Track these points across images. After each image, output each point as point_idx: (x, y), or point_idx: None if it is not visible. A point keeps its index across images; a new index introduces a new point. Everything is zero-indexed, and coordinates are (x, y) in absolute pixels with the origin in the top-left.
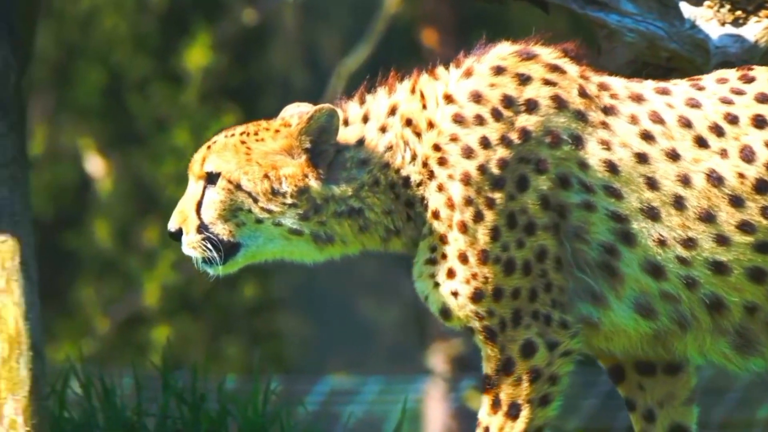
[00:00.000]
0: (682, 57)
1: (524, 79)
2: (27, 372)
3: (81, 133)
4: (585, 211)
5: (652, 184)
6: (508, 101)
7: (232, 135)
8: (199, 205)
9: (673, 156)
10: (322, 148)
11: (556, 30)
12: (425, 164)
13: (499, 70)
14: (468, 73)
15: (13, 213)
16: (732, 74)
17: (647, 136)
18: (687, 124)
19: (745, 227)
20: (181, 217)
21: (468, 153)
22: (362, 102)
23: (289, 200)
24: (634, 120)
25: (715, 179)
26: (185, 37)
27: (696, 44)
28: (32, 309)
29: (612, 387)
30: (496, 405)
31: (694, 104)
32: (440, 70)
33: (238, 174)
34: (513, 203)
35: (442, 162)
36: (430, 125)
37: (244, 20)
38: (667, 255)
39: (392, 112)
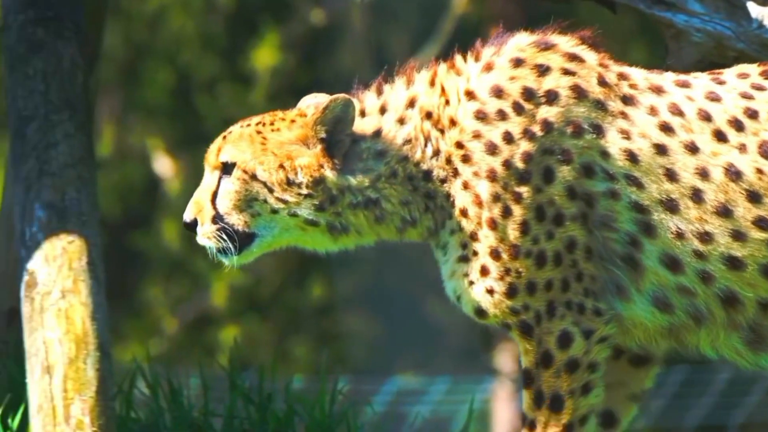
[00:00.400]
0: (750, 57)
1: (543, 70)
2: (94, 372)
3: (149, 133)
4: (611, 200)
5: (671, 175)
6: (529, 94)
7: (248, 125)
8: (215, 195)
9: (692, 148)
10: (337, 138)
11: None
12: (449, 161)
13: (518, 62)
14: (488, 68)
15: (80, 213)
16: (753, 69)
17: (666, 128)
18: (706, 117)
19: (761, 223)
20: (197, 207)
21: (492, 149)
22: (379, 93)
23: (304, 190)
24: (653, 111)
25: (734, 174)
26: (253, 37)
27: (763, 44)
28: (99, 309)
29: (679, 387)
30: (538, 399)
31: (714, 98)
32: (459, 61)
33: (253, 164)
34: (540, 196)
35: (466, 159)
36: (452, 122)
37: (312, 20)
38: (685, 248)
39: (411, 104)
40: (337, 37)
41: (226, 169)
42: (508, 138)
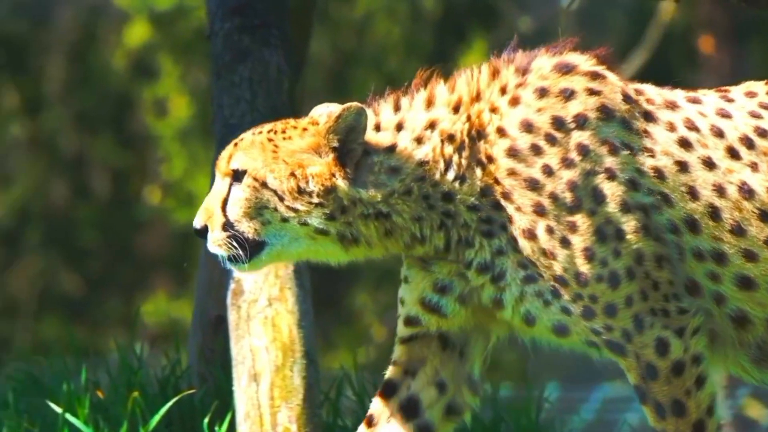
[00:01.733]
0: None
1: (568, 95)
2: (301, 380)
3: None
4: (657, 214)
5: (693, 193)
6: (559, 123)
7: (260, 132)
8: (225, 202)
9: (709, 164)
10: (349, 147)
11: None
12: (484, 194)
13: (543, 92)
14: (515, 102)
15: None
16: (760, 88)
17: (685, 143)
18: (719, 133)
19: None
20: (207, 214)
21: (533, 185)
22: (397, 108)
23: (315, 199)
24: (671, 127)
25: (747, 192)
26: (460, 43)
27: None
28: (306, 317)
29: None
30: (660, 410)
31: (725, 114)
32: (483, 85)
33: (264, 172)
34: (597, 218)
35: (506, 196)
36: (490, 159)
37: (519, 27)
38: (701, 271)
39: (431, 126)
40: (544, 44)
41: (237, 176)
42: (548, 171)
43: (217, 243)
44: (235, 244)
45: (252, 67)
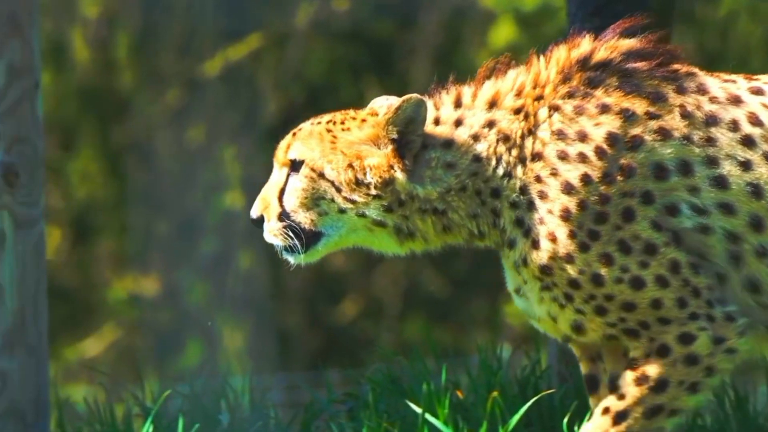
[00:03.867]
0: None
1: (629, 116)
2: None
3: None
4: (702, 235)
5: (757, 192)
6: (613, 140)
7: (319, 123)
8: (282, 192)
9: None
10: (408, 138)
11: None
12: (524, 191)
13: (604, 108)
14: (579, 111)
15: None
16: None
17: (749, 142)
18: None
19: None
20: (263, 203)
21: (568, 189)
22: (458, 104)
23: (373, 191)
24: (735, 126)
25: None
26: None
27: None
28: None
29: None
30: (642, 380)
31: None
32: (548, 89)
33: (321, 162)
34: (621, 232)
35: (542, 196)
36: (538, 156)
37: None
38: (764, 268)
39: (489, 125)
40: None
41: (295, 166)
42: (586, 180)
43: (273, 233)
44: (291, 234)
45: None
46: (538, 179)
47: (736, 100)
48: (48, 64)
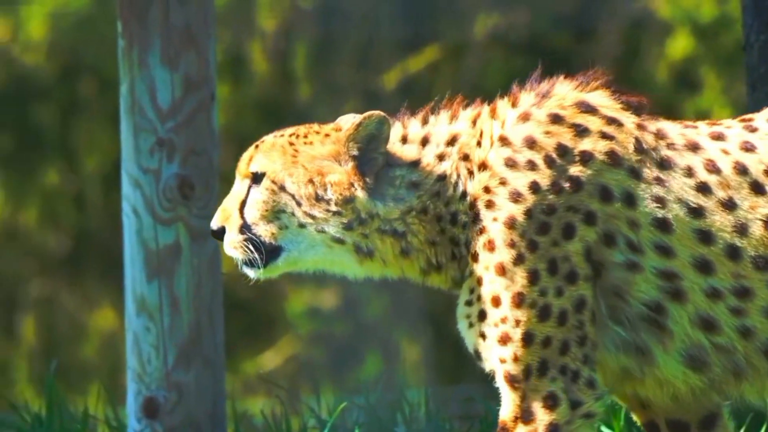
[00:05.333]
0: None
1: (581, 131)
2: None
3: None
4: (627, 272)
5: (706, 238)
6: (563, 150)
7: (282, 135)
8: (243, 204)
9: (730, 206)
10: (370, 156)
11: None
12: (473, 206)
13: (556, 119)
14: (525, 117)
15: None
16: None
17: (703, 189)
18: (743, 170)
19: None
20: (224, 215)
21: (516, 197)
22: (425, 122)
23: (333, 207)
24: (689, 172)
25: None
26: None
27: None
28: None
29: None
30: None
31: (749, 148)
32: (501, 106)
33: (282, 175)
34: (556, 249)
35: (489, 205)
36: (483, 166)
37: None
38: (720, 308)
39: (452, 141)
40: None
41: (256, 178)
42: (535, 188)
43: (233, 245)
44: (251, 247)
45: None
46: (487, 189)
47: (694, 147)
48: (226, 76)
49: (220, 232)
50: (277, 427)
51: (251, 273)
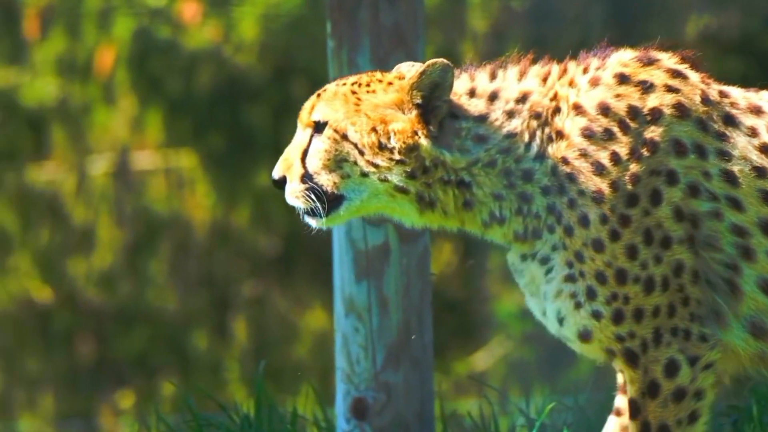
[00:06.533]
0: None
1: (647, 87)
2: None
3: None
4: (715, 221)
5: (766, 199)
6: (634, 112)
7: (344, 84)
8: (305, 153)
9: None
10: (434, 104)
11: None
12: (554, 173)
13: (622, 79)
14: (594, 82)
15: None
16: None
17: (766, 150)
18: None
19: None
20: (286, 164)
21: (599, 170)
22: (493, 77)
23: (396, 156)
24: (753, 132)
25: None
26: None
27: None
28: None
29: None
30: (645, 430)
31: None
32: (571, 67)
33: (345, 124)
34: (648, 219)
35: (571, 178)
36: (560, 134)
37: None
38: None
39: (522, 99)
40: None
41: (318, 127)
42: (616, 159)
43: (294, 195)
44: (313, 196)
45: None
46: (565, 161)
47: (757, 110)
48: None
49: (282, 182)
50: (485, 428)
51: (313, 222)
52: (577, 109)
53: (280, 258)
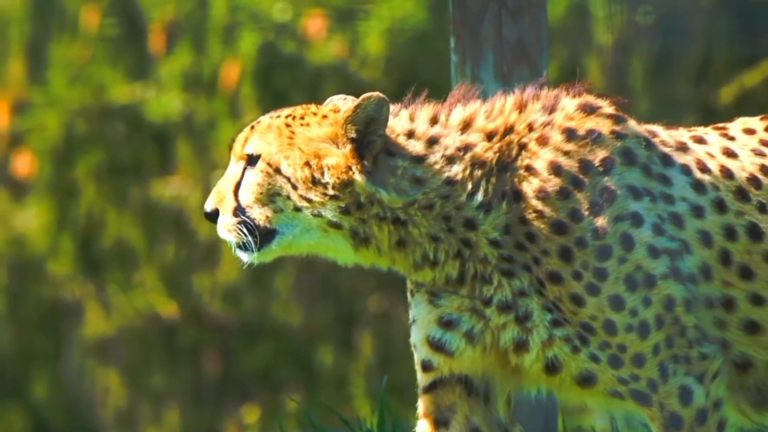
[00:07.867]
0: None
1: (595, 138)
2: None
3: None
4: (680, 260)
5: (706, 240)
6: (587, 167)
7: (278, 116)
8: (238, 186)
9: (721, 208)
10: (369, 138)
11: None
12: (508, 231)
13: (570, 134)
14: (543, 142)
15: None
16: (757, 124)
17: (699, 187)
18: (729, 174)
19: None
20: (219, 197)
21: (561, 230)
22: (434, 122)
23: (330, 191)
24: (686, 170)
25: (756, 235)
26: None
27: None
28: None
29: None
30: None
31: (731, 154)
32: (512, 117)
33: (278, 157)
34: (626, 266)
35: (531, 238)
36: (517, 195)
37: None
38: (709, 319)
39: (464, 149)
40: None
41: (251, 160)
42: (576, 216)
43: (226, 228)
44: (245, 230)
45: None
46: (524, 221)
47: (683, 147)
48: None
49: (214, 215)
50: None
51: (245, 257)
52: (529, 170)
53: None
